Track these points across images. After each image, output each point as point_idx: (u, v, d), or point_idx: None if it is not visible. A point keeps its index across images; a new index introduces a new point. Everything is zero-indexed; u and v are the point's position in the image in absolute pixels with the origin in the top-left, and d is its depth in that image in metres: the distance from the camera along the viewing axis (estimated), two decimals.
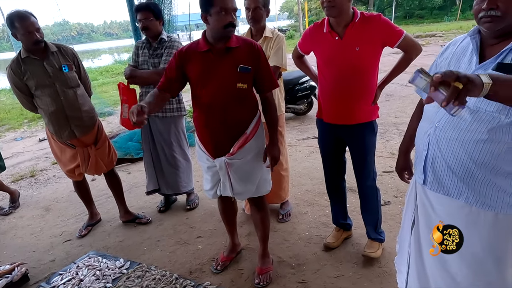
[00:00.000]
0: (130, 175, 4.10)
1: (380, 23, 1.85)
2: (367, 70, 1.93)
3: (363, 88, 1.96)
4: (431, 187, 1.29)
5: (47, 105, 2.46)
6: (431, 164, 1.26)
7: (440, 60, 1.35)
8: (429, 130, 1.25)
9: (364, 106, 2.00)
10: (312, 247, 2.42)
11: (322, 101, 2.12)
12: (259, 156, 1.94)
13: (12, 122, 7.66)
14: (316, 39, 2.02)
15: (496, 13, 1.08)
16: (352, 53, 1.87)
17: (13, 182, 4.27)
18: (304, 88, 5.54)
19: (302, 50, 2.20)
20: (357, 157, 2.14)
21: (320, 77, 2.09)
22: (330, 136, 2.17)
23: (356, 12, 1.87)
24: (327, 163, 2.30)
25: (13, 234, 3.06)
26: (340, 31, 1.89)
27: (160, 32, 2.69)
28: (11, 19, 2.28)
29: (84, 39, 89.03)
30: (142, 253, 2.54)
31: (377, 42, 1.87)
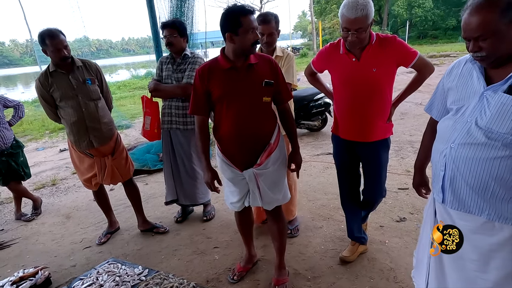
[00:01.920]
0: (147, 186, 4.19)
1: (396, 44, 1.93)
2: (383, 90, 2.01)
3: (379, 106, 2.03)
4: (451, 206, 1.30)
5: (69, 115, 2.59)
6: (450, 183, 1.28)
7: (447, 82, 1.40)
8: (445, 151, 1.28)
9: (380, 124, 2.07)
10: (327, 261, 2.43)
11: (339, 118, 2.19)
12: (284, 164, 2.05)
13: (34, 133, 7.94)
14: (332, 59, 2.10)
15: (482, 54, 1.16)
16: (369, 74, 1.95)
17: (35, 190, 4.41)
18: (318, 105, 5.62)
19: (316, 68, 2.28)
20: (371, 172, 2.21)
21: (336, 95, 2.18)
22: (346, 151, 2.23)
23: (372, 34, 1.94)
24: (343, 177, 2.35)
25: (35, 239, 3.16)
26: (357, 53, 1.96)
27: (184, 48, 2.82)
28: (42, 37, 2.44)
29: (102, 55, 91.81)
30: (160, 262, 2.59)
31: (393, 62, 1.95)
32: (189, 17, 4.63)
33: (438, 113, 1.50)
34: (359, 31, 1.84)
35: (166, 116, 2.88)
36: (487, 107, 1.17)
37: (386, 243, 2.56)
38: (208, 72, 1.89)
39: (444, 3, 32.07)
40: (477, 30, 1.13)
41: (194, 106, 1.96)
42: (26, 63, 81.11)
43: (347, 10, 1.82)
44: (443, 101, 1.45)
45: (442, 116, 1.45)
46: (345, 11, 1.83)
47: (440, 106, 1.49)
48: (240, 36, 1.77)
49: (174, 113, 2.84)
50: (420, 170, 1.70)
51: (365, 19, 1.81)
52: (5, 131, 3.35)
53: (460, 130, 1.23)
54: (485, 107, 1.18)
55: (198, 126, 2.01)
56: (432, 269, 1.45)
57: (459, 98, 1.30)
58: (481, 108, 1.19)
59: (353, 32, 1.85)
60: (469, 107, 1.24)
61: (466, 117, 1.23)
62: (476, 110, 1.21)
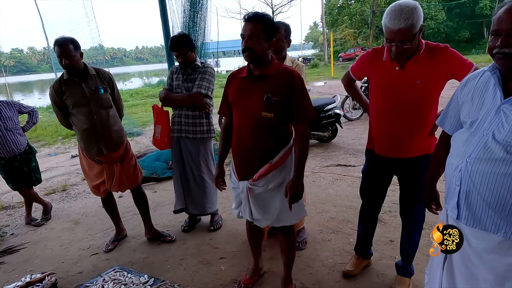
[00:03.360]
0: (156, 193, 4.20)
1: (447, 55, 1.75)
2: (427, 104, 1.82)
3: (422, 121, 1.85)
4: (466, 222, 1.25)
5: (81, 122, 2.63)
6: (465, 199, 1.24)
7: (461, 95, 1.36)
8: (460, 165, 1.24)
9: (421, 139, 1.89)
10: (335, 275, 2.38)
11: (375, 132, 2.03)
12: (283, 187, 1.87)
13: (47, 139, 8.09)
14: (374, 65, 1.93)
15: (510, 51, 1.12)
16: (412, 86, 1.78)
17: (46, 195, 4.46)
18: (329, 116, 5.60)
19: (355, 74, 2.12)
20: (409, 192, 2.03)
21: (373, 105, 2.02)
22: (380, 169, 2.08)
23: (421, 42, 1.76)
24: (369, 194, 2.23)
25: (44, 244, 3.18)
26: (401, 62, 1.79)
27: (194, 59, 2.85)
28: (54, 43, 2.51)
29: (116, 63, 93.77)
30: (166, 271, 2.58)
31: (442, 74, 1.77)
32: (201, 27, 4.69)
33: (451, 127, 1.46)
34: (403, 43, 1.65)
35: (176, 124, 2.89)
36: (504, 120, 1.14)
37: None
38: (231, 77, 2.00)
39: (458, 16, 31.92)
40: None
41: (220, 107, 2.10)
42: (43, 70, 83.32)
43: (390, 19, 1.63)
44: (456, 114, 1.42)
45: (455, 130, 1.42)
46: (388, 21, 1.64)
47: (453, 120, 1.45)
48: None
49: (184, 121, 2.85)
50: (431, 185, 1.65)
51: (411, 28, 1.61)
52: (19, 137, 3.42)
53: (476, 144, 1.20)
54: (502, 120, 1.15)
55: (222, 127, 2.14)
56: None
57: (474, 110, 1.26)
58: (499, 122, 1.16)
59: (397, 43, 1.67)
60: (485, 120, 1.21)
61: (482, 130, 1.20)
62: (493, 124, 1.17)
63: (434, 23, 31.76)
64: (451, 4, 31.28)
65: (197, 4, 4.60)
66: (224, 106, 2.06)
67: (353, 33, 33.81)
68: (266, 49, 1.79)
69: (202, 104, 2.79)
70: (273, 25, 1.81)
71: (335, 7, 36.29)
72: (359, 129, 6.65)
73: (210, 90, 2.83)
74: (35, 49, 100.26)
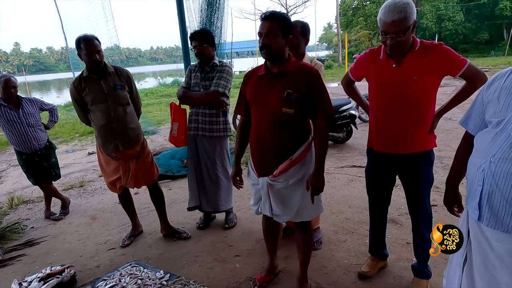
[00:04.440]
0: (171, 191, 4.25)
1: (442, 52, 1.81)
2: (424, 99, 1.87)
3: (420, 117, 1.89)
4: (487, 224, 1.23)
5: (98, 119, 2.68)
6: (487, 199, 1.21)
7: (487, 94, 1.33)
8: (483, 165, 1.22)
9: (420, 135, 1.93)
10: (351, 276, 2.36)
11: (374, 130, 2.07)
12: (303, 182, 1.92)
13: (65, 136, 8.27)
14: (371, 65, 2.00)
15: None
16: (409, 82, 1.83)
17: (64, 190, 4.56)
18: (344, 117, 5.55)
19: (354, 76, 2.18)
20: (412, 190, 2.05)
21: (373, 104, 2.06)
22: (381, 167, 2.10)
23: (416, 40, 1.84)
24: (374, 194, 2.23)
25: (62, 238, 3.25)
26: (398, 59, 1.86)
27: (212, 57, 2.87)
28: (78, 41, 2.55)
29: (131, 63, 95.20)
30: (181, 267, 2.60)
31: (438, 71, 1.83)
32: (218, 27, 4.72)
33: (475, 127, 1.43)
34: (397, 34, 1.74)
35: (193, 122, 2.92)
36: None
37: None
38: (249, 76, 2.02)
39: (476, 17, 31.21)
40: None
41: (237, 106, 2.11)
42: (60, 70, 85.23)
43: (384, 13, 1.74)
44: (481, 114, 1.39)
45: (479, 130, 1.39)
46: (382, 14, 1.75)
47: (477, 120, 1.42)
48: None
49: (200, 120, 2.88)
50: (453, 187, 1.62)
51: (404, 21, 1.71)
52: (40, 133, 3.51)
53: (502, 143, 1.17)
54: None
55: (238, 125, 2.16)
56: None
57: (501, 110, 1.23)
58: None
59: (391, 35, 1.75)
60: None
61: (508, 130, 1.17)
62: None
63: (451, 24, 31.15)
64: (470, 5, 30.62)
65: (214, 4, 4.63)
66: (240, 105, 2.08)
67: (368, 34, 33.45)
68: (283, 46, 1.82)
69: (219, 102, 2.81)
70: (289, 22, 1.84)
71: (350, 8, 36.03)
72: None
73: (227, 89, 2.85)
74: (53, 49, 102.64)
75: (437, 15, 31.33)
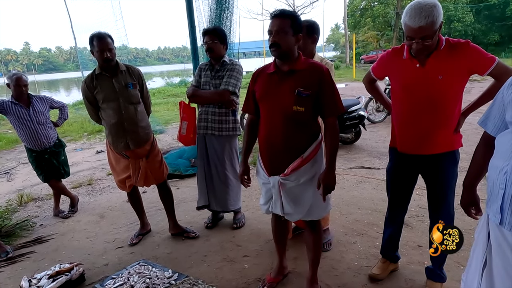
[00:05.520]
0: (178, 190, 4.24)
1: (469, 50, 1.74)
2: (450, 99, 1.82)
3: (444, 117, 1.84)
4: (510, 228, 1.19)
5: (109, 117, 2.68)
6: (510, 203, 1.18)
7: (508, 94, 1.29)
8: (506, 168, 1.19)
9: (445, 134, 1.87)
10: (361, 278, 2.33)
11: (398, 130, 2.02)
12: (314, 181, 1.91)
13: (73, 134, 8.32)
14: (394, 64, 1.95)
15: None
16: (434, 82, 1.78)
17: (72, 188, 4.58)
18: (352, 117, 5.50)
19: (376, 75, 2.13)
20: (436, 191, 2.01)
21: (396, 104, 2.01)
22: (404, 167, 2.06)
23: (442, 39, 1.76)
24: (395, 194, 2.19)
25: (71, 236, 3.26)
26: (422, 59, 1.80)
27: (223, 55, 2.86)
28: (91, 38, 2.56)
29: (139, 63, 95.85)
30: (190, 266, 2.59)
31: (464, 69, 1.76)
32: (227, 26, 4.71)
33: (495, 128, 1.39)
34: (424, 39, 1.66)
35: (202, 121, 2.91)
36: None
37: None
38: (258, 74, 2.00)
39: (486, 18, 30.86)
40: None
41: (245, 104, 2.11)
42: (69, 69, 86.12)
43: (410, 18, 1.65)
44: (501, 114, 1.35)
45: (499, 131, 1.35)
46: (408, 19, 1.66)
47: (497, 120, 1.38)
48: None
49: (210, 118, 2.86)
50: (470, 189, 1.58)
51: (431, 26, 1.62)
52: (50, 130, 3.52)
53: None
54: None
55: (246, 123, 2.14)
56: None
57: None
58: None
59: (417, 40, 1.68)
60: None
61: None
62: None
63: (461, 25, 30.82)
64: (480, 6, 30.29)
65: (224, 4, 4.62)
66: (249, 103, 2.07)
67: (375, 35, 33.20)
68: (293, 44, 1.81)
69: (229, 101, 2.79)
70: (299, 21, 1.84)
71: (358, 8, 35.81)
72: (383, 132, 6.51)
73: (237, 88, 2.83)
74: (62, 49, 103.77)
75: (446, 16, 30.97)
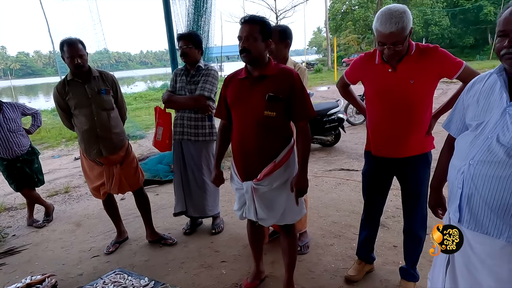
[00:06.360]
0: (158, 196, 4.19)
1: (438, 55, 1.79)
2: (420, 102, 1.86)
3: (416, 120, 1.88)
4: (468, 226, 1.23)
5: (82, 123, 2.63)
6: (467, 202, 1.22)
7: (467, 98, 1.35)
8: (463, 168, 1.23)
9: (417, 138, 1.92)
10: (338, 280, 2.35)
11: (372, 134, 2.05)
12: (287, 185, 1.92)
13: (51, 141, 8.12)
14: (367, 69, 1.98)
15: None
16: (406, 86, 1.82)
17: (48, 197, 4.47)
18: (332, 120, 5.58)
19: (349, 79, 2.16)
20: (410, 192, 2.05)
21: (370, 108, 2.04)
22: (379, 170, 2.10)
23: (412, 44, 1.81)
24: (370, 197, 2.23)
25: (45, 246, 3.17)
26: (393, 64, 1.84)
27: (198, 60, 2.85)
28: (62, 44, 2.51)
29: (121, 67, 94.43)
30: (166, 274, 2.56)
31: (434, 74, 1.81)
32: (205, 30, 4.70)
33: (457, 130, 1.44)
34: (395, 45, 1.70)
35: (178, 126, 2.89)
36: (510, 123, 1.12)
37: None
38: (229, 79, 1.99)
39: (462, 21, 31.88)
40: None
41: (217, 110, 2.11)
42: (48, 74, 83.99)
43: (381, 24, 1.68)
44: (462, 117, 1.40)
45: (461, 133, 1.40)
46: (379, 25, 1.69)
47: (458, 123, 1.43)
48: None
49: (186, 124, 2.85)
50: (437, 190, 1.63)
51: (402, 31, 1.66)
52: (22, 138, 3.42)
53: (480, 146, 1.18)
54: (507, 123, 1.13)
55: (219, 129, 2.13)
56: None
57: (480, 113, 1.25)
58: (504, 125, 1.14)
59: (389, 46, 1.72)
60: (490, 122, 1.19)
61: (486, 133, 1.18)
62: (498, 126, 1.15)
63: (438, 29, 31.74)
64: (455, 10, 31.28)
65: (201, 8, 4.61)
66: (221, 109, 2.06)
67: (356, 38, 33.82)
68: (263, 49, 1.83)
69: (205, 106, 2.79)
70: (269, 26, 1.85)
71: (339, 12, 36.36)
72: (362, 134, 6.62)
73: (213, 93, 2.82)
74: (40, 53, 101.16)
75: (424, 20, 31.88)
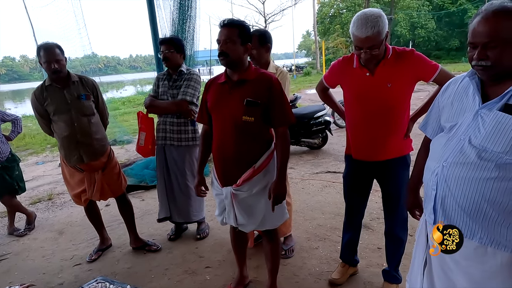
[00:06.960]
0: (143, 202, 4.14)
1: (414, 58, 1.82)
2: (398, 105, 1.88)
3: (394, 123, 1.90)
4: None
5: (61, 129, 2.58)
6: (441, 203, 1.23)
7: (442, 99, 1.36)
8: (437, 169, 1.24)
9: (396, 141, 1.94)
10: (322, 284, 2.35)
11: (351, 137, 2.06)
12: (267, 190, 1.89)
13: (35, 147, 7.98)
14: (345, 73, 1.99)
15: (487, 63, 1.10)
16: (383, 90, 1.84)
17: (31, 204, 4.37)
18: (319, 123, 5.60)
19: (328, 83, 2.17)
20: (390, 194, 2.07)
21: (348, 112, 2.05)
22: (359, 173, 2.11)
23: (388, 48, 1.83)
24: (351, 200, 2.24)
25: (25, 255, 3.09)
26: (371, 67, 1.85)
27: (180, 65, 2.83)
28: (38, 49, 2.47)
29: (110, 71, 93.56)
30: (150, 281, 2.52)
31: (411, 77, 1.84)
32: (190, 35, 4.68)
33: (433, 132, 1.46)
34: (372, 49, 1.72)
35: (160, 132, 2.86)
36: (481, 125, 1.13)
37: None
38: (210, 84, 1.98)
39: (447, 24, 32.55)
40: (488, 36, 1.07)
41: (199, 114, 2.09)
42: (35, 79, 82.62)
43: (357, 28, 1.70)
44: (437, 119, 1.42)
45: (436, 134, 1.41)
46: (355, 29, 1.71)
47: (434, 125, 1.45)
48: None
49: (168, 129, 2.82)
50: (413, 191, 1.64)
51: (377, 35, 1.68)
52: (1, 145, 3.35)
53: (453, 148, 1.19)
54: (479, 125, 1.14)
55: (201, 134, 2.12)
56: None
57: (453, 115, 1.26)
58: (476, 127, 1.15)
59: (365, 50, 1.73)
60: (463, 124, 1.20)
61: (459, 135, 1.19)
62: (470, 128, 1.17)
63: (424, 31, 32.32)
64: (441, 14, 31.90)
65: (186, 13, 4.60)
66: (202, 114, 2.05)
67: (345, 41, 34.16)
68: (241, 53, 1.81)
69: (187, 111, 2.77)
70: (248, 30, 1.83)
71: (327, 16, 36.78)
72: None
73: (195, 97, 2.81)
74: (27, 57, 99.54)
75: (410, 23, 32.44)
